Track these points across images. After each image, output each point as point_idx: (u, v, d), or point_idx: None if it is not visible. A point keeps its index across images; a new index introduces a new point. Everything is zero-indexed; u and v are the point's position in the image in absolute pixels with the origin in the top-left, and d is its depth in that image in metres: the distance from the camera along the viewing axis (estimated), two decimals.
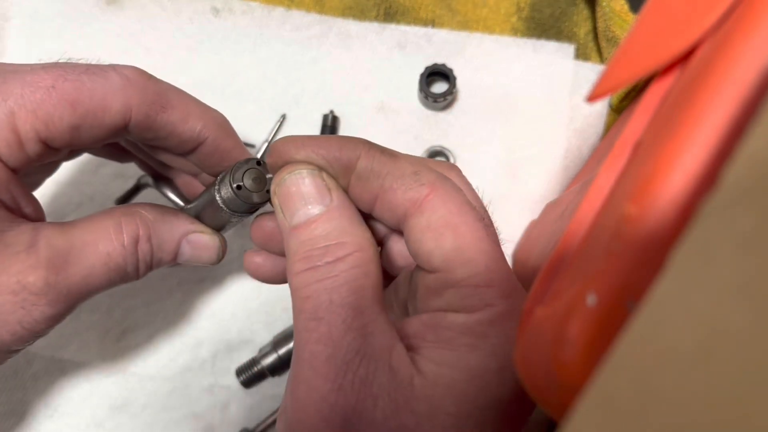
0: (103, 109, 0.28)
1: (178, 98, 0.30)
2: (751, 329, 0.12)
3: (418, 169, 0.27)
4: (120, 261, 0.30)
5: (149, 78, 0.30)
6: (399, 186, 0.27)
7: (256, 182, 0.30)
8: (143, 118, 0.29)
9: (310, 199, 0.26)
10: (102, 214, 0.30)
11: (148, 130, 0.30)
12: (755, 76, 0.17)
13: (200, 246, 0.33)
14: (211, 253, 0.33)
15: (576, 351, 0.18)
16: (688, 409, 0.12)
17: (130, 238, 0.30)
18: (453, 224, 0.26)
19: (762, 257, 0.12)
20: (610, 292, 0.18)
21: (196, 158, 0.32)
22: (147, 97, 0.29)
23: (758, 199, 0.12)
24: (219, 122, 0.32)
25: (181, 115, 0.30)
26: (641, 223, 0.18)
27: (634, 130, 0.25)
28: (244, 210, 0.31)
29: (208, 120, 0.31)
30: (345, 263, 0.25)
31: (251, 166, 0.30)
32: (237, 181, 0.30)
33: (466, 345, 0.25)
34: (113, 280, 0.30)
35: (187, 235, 0.32)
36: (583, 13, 0.45)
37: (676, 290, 0.13)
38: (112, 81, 0.28)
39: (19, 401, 0.42)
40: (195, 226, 0.33)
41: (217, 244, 0.33)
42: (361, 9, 0.45)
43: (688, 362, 0.13)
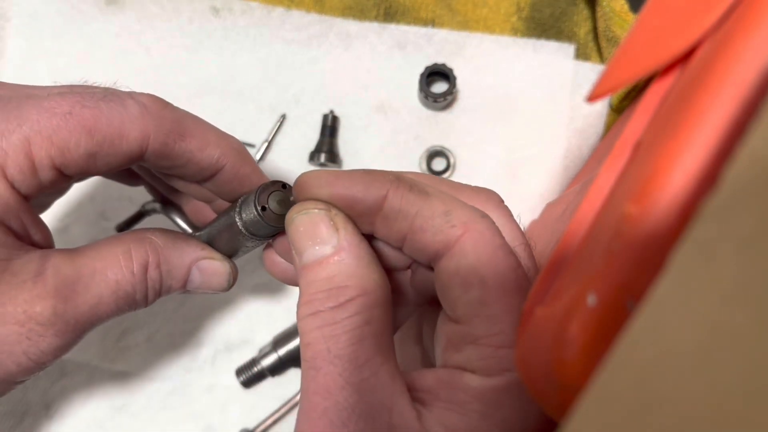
0: (120, 137, 0.27)
1: (196, 126, 0.30)
2: (751, 329, 0.12)
3: (451, 207, 0.25)
4: (129, 289, 0.29)
5: (166, 106, 0.29)
6: (429, 227, 0.25)
7: (280, 205, 0.29)
8: (160, 146, 0.28)
9: (317, 239, 0.26)
10: (111, 240, 0.30)
11: (166, 159, 0.29)
12: (755, 76, 0.17)
13: (210, 272, 0.32)
14: (221, 280, 0.32)
15: (576, 351, 0.18)
16: (688, 409, 0.12)
17: (140, 265, 0.29)
18: (481, 274, 0.24)
19: (762, 257, 0.12)
20: (611, 292, 0.18)
21: (213, 185, 0.31)
22: (165, 126, 0.28)
23: (758, 199, 0.12)
24: (236, 149, 0.31)
25: (199, 144, 0.30)
26: (641, 223, 0.18)
27: (634, 130, 0.25)
28: (265, 234, 0.30)
29: (225, 147, 0.30)
30: (346, 310, 0.24)
31: (277, 189, 0.30)
32: (262, 203, 0.29)
33: (478, 412, 0.24)
34: (122, 308, 0.30)
35: (198, 261, 0.31)
36: (583, 12, 0.45)
37: (676, 290, 0.13)
38: (130, 109, 0.28)
39: (19, 401, 0.42)
40: (206, 252, 0.32)
41: (228, 270, 0.32)
42: (361, 9, 0.45)
43: (688, 362, 0.13)
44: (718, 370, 0.12)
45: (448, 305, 0.25)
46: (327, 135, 0.44)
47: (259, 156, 0.44)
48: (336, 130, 0.44)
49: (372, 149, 0.45)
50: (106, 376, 0.42)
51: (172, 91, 0.44)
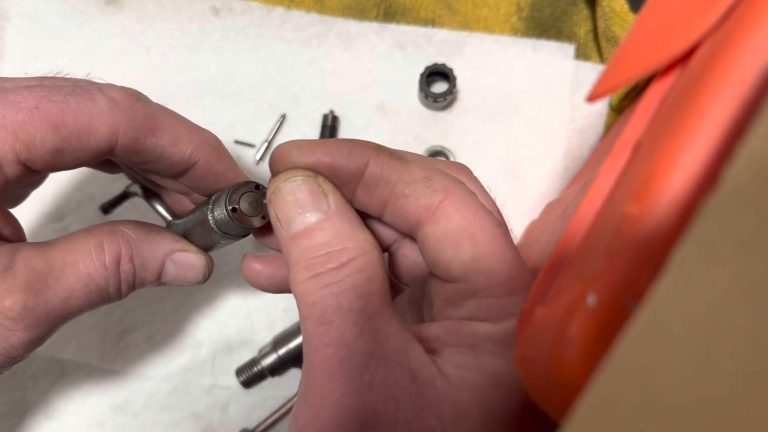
0: (87, 133, 0.27)
1: (168, 121, 0.29)
2: (751, 329, 0.12)
3: (430, 173, 0.26)
4: (101, 282, 0.29)
5: (138, 100, 0.28)
6: (411, 192, 0.26)
7: (252, 206, 0.29)
8: (130, 141, 0.28)
9: (307, 206, 0.26)
10: (83, 232, 0.29)
11: (136, 154, 0.29)
12: (755, 76, 0.17)
13: (185, 265, 0.32)
14: (196, 273, 0.32)
15: (576, 351, 0.18)
16: (687, 408, 0.12)
17: (112, 258, 0.29)
18: (470, 233, 0.25)
19: (762, 257, 0.12)
20: (611, 292, 0.18)
21: (187, 180, 0.31)
22: (135, 121, 0.28)
23: (758, 199, 0.12)
24: (211, 144, 0.31)
25: (170, 139, 0.29)
26: (642, 223, 0.18)
27: (634, 130, 0.25)
28: (237, 233, 0.30)
29: (199, 142, 0.30)
30: (349, 268, 0.25)
31: (249, 190, 0.29)
32: (233, 203, 0.29)
33: (491, 352, 0.24)
34: (94, 302, 0.29)
35: (172, 254, 0.31)
36: (583, 12, 0.45)
37: (676, 290, 0.13)
38: (99, 103, 0.27)
39: (19, 401, 0.42)
40: (180, 244, 0.31)
41: (203, 264, 0.32)
42: (361, 9, 0.45)
43: (688, 362, 0.13)
44: (718, 369, 0.12)
45: (442, 269, 0.26)
46: (327, 135, 0.44)
47: (259, 156, 0.44)
48: (336, 130, 0.44)
49: None
50: (106, 376, 0.42)
51: (171, 91, 0.44)
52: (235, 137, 0.44)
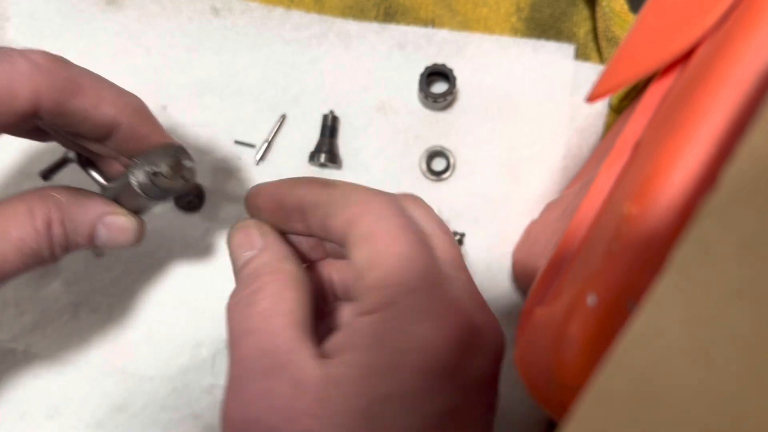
0: (9, 96, 0.27)
1: (91, 83, 0.30)
2: (751, 329, 0.12)
3: (349, 193, 0.29)
4: (34, 245, 0.30)
5: (60, 63, 0.29)
6: (334, 212, 0.28)
7: (172, 168, 0.30)
8: (53, 104, 0.28)
9: (248, 246, 0.30)
10: (13, 199, 0.30)
11: (60, 116, 0.29)
12: (755, 76, 0.17)
13: (116, 228, 0.32)
14: (128, 236, 0.33)
15: (576, 350, 0.18)
16: (687, 408, 0.12)
17: (43, 222, 0.30)
18: (370, 233, 0.27)
19: (762, 257, 0.12)
20: (610, 292, 0.18)
21: (112, 143, 0.31)
22: (57, 83, 0.28)
23: (758, 199, 0.12)
24: (135, 107, 0.31)
25: (93, 101, 0.29)
26: (641, 223, 0.18)
27: (634, 129, 0.25)
28: (158, 195, 0.31)
29: (122, 105, 0.30)
30: (259, 291, 0.28)
31: (167, 153, 0.30)
32: (152, 166, 0.30)
33: (364, 345, 0.25)
34: (28, 265, 0.30)
35: (102, 217, 0.32)
36: (583, 13, 0.45)
37: (675, 290, 0.13)
38: (19, 67, 0.27)
39: (19, 401, 0.42)
40: (110, 208, 0.32)
41: (134, 226, 0.33)
42: (361, 9, 0.45)
43: (688, 362, 0.13)
44: (718, 369, 0.12)
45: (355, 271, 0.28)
46: (327, 135, 0.44)
47: (259, 156, 0.44)
48: (336, 130, 0.44)
49: (372, 149, 0.45)
50: (106, 376, 0.42)
51: (171, 91, 0.44)
52: (235, 137, 0.44)
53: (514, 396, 0.42)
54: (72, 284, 0.42)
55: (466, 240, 0.43)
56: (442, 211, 0.44)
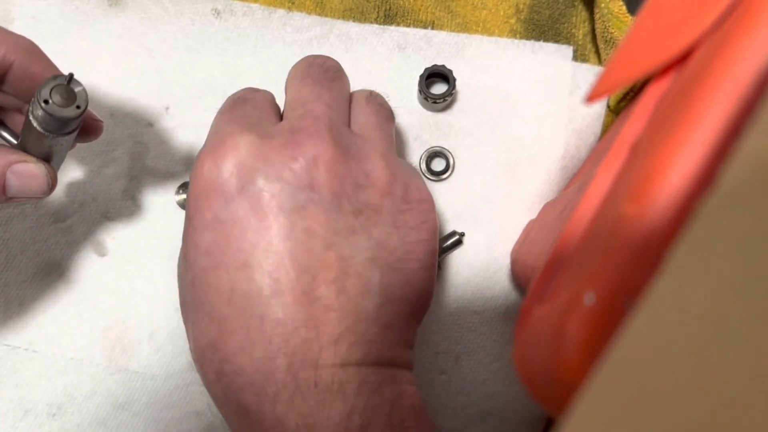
0: None
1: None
2: (748, 328, 0.12)
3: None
4: None
5: None
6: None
7: (64, 97, 0.30)
8: None
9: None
10: None
11: None
12: (753, 77, 0.17)
13: (26, 175, 0.32)
14: (40, 182, 0.33)
15: (574, 349, 0.18)
16: (685, 407, 0.12)
17: None
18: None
19: (759, 257, 0.12)
20: (608, 291, 0.18)
21: (10, 88, 0.32)
22: None
23: (756, 199, 0.12)
24: (24, 47, 0.32)
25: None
26: (639, 223, 0.18)
27: (632, 130, 0.25)
28: (59, 128, 0.31)
29: (11, 44, 0.31)
30: None
31: (58, 83, 0.31)
32: (44, 96, 0.30)
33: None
34: None
35: (11, 165, 0.32)
36: (581, 14, 0.46)
37: (673, 289, 0.14)
38: None
39: (20, 400, 0.42)
40: (17, 156, 0.33)
41: (44, 172, 0.33)
42: (362, 11, 0.46)
43: (685, 361, 0.13)
44: (715, 369, 0.12)
45: None
46: None
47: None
48: None
49: None
50: (108, 375, 0.42)
51: (173, 92, 0.45)
52: None
53: (512, 394, 0.42)
54: (74, 283, 0.43)
55: (466, 240, 0.43)
56: (442, 210, 0.44)
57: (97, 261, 0.43)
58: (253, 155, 0.30)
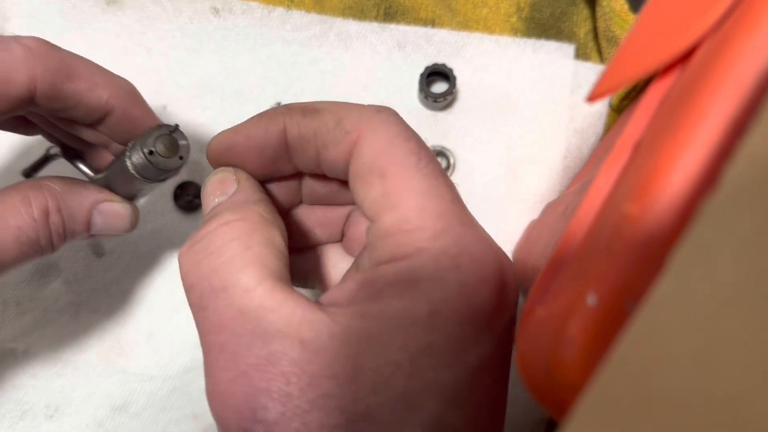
0: (7, 82, 0.27)
1: (84, 67, 0.30)
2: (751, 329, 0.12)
3: (341, 115, 0.25)
4: (32, 234, 0.29)
5: (52, 47, 0.29)
6: (329, 142, 0.25)
7: (168, 148, 0.30)
8: (49, 88, 0.28)
9: (216, 192, 0.27)
10: (8, 188, 0.30)
11: (55, 101, 0.29)
12: (756, 76, 0.17)
13: (112, 215, 0.32)
14: (124, 222, 0.33)
15: (576, 350, 0.18)
16: (687, 409, 0.12)
17: (40, 210, 0.30)
18: (378, 167, 0.24)
19: (762, 257, 0.12)
20: (610, 292, 0.18)
21: (106, 128, 0.32)
22: (51, 67, 0.28)
23: (759, 199, 0.12)
24: (127, 91, 0.31)
25: (87, 85, 0.30)
26: (641, 223, 0.18)
27: (634, 129, 0.25)
28: (156, 177, 0.31)
29: (115, 89, 0.31)
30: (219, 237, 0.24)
31: (163, 132, 0.30)
32: (148, 146, 0.30)
33: (393, 295, 0.22)
34: (27, 254, 0.30)
35: (98, 204, 0.32)
36: (583, 12, 0.45)
37: (676, 290, 0.13)
38: (15, 52, 0.28)
39: (19, 401, 0.42)
40: (105, 195, 0.32)
41: (129, 212, 0.33)
42: (361, 9, 0.46)
43: (688, 362, 0.13)
44: (718, 370, 0.12)
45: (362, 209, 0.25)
46: None
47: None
48: None
49: None
50: (106, 377, 0.42)
51: (172, 91, 0.44)
52: None
53: (513, 395, 0.42)
54: (72, 284, 0.42)
55: None
56: None
57: (94, 262, 0.43)
58: None
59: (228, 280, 0.23)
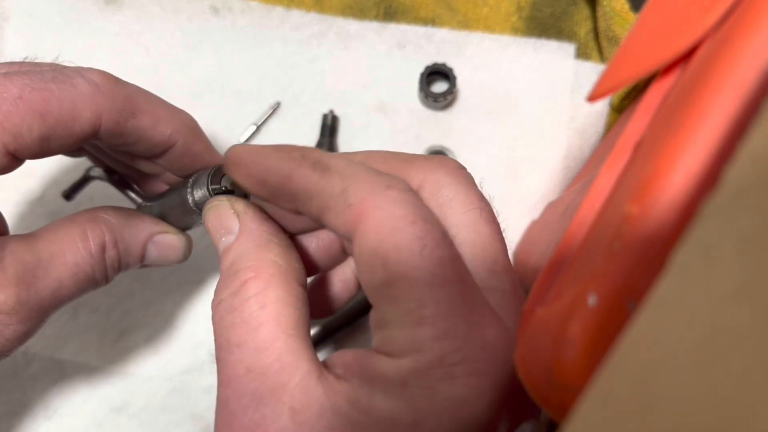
0: (72, 119, 0.27)
1: (148, 103, 0.29)
2: (752, 329, 0.12)
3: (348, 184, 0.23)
4: (88, 270, 0.29)
5: (117, 82, 0.29)
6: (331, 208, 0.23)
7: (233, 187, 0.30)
8: (113, 125, 0.28)
9: (223, 229, 0.27)
10: (66, 221, 0.30)
11: (118, 137, 0.29)
12: (757, 76, 0.17)
13: (166, 247, 0.32)
14: (178, 253, 0.33)
15: (577, 351, 0.18)
16: (688, 409, 0.12)
17: (97, 245, 0.29)
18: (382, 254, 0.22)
19: (763, 257, 0.12)
20: (611, 292, 0.18)
21: (164, 161, 0.31)
22: (116, 104, 0.28)
23: (759, 199, 0.12)
24: (189, 126, 0.31)
25: (151, 121, 0.29)
26: (642, 223, 0.17)
27: (635, 129, 0.25)
28: None
29: (178, 124, 0.30)
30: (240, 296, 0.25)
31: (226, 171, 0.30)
32: (215, 183, 0.30)
33: (383, 391, 0.22)
34: (83, 289, 0.30)
35: (153, 236, 0.32)
36: (583, 12, 0.45)
37: (676, 291, 0.13)
38: (81, 88, 0.27)
39: (18, 402, 0.42)
40: (160, 227, 0.32)
41: (183, 244, 0.33)
42: (361, 8, 0.45)
43: (689, 363, 0.13)
44: (719, 370, 0.12)
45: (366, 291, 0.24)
46: (327, 135, 0.44)
47: (245, 139, 0.44)
48: (336, 129, 0.44)
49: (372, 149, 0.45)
50: (105, 377, 0.42)
51: (171, 91, 0.44)
52: (235, 137, 0.44)
53: None
54: None
55: None
56: None
57: None
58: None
59: (242, 337, 0.24)
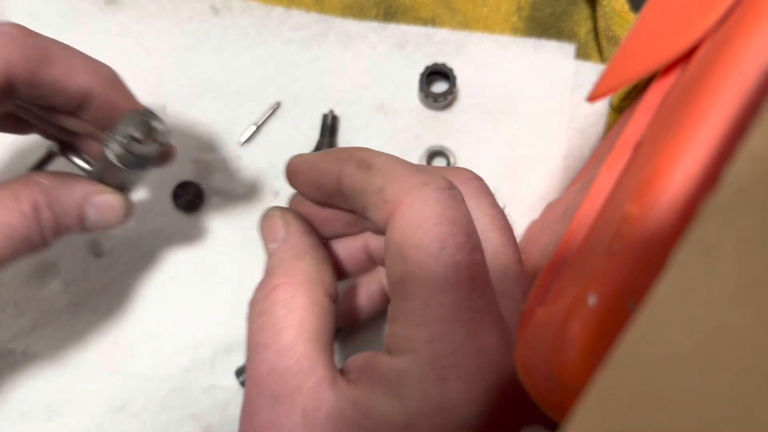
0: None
1: (62, 52, 0.29)
2: (752, 329, 0.12)
3: (385, 182, 0.24)
4: (23, 231, 0.29)
5: (30, 33, 0.29)
6: (371, 205, 0.25)
7: (144, 134, 0.30)
8: (26, 74, 0.28)
9: (272, 237, 0.28)
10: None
11: (33, 87, 0.29)
12: (757, 76, 0.17)
13: (104, 207, 0.32)
14: (117, 213, 0.33)
15: (576, 351, 0.18)
16: (688, 409, 0.12)
17: (30, 206, 0.29)
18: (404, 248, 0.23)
19: (763, 257, 0.12)
20: (611, 292, 0.18)
21: (89, 116, 0.31)
22: (29, 53, 0.28)
23: (759, 199, 0.12)
24: (107, 76, 0.31)
25: (65, 70, 0.29)
26: (642, 223, 0.17)
27: (635, 129, 0.25)
28: (137, 164, 0.30)
29: (94, 74, 0.30)
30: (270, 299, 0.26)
31: (136, 119, 0.30)
32: (123, 133, 0.29)
33: (382, 392, 0.23)
34: (21, 251, 0.30)
35: (89, 197, 0.32)
36: (583, 12, 0.45)
37: (676, 291, 0.13)
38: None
39: (18, 402, 0.41)
40: (96, 187, 0.32)
41: (121, 203, 0.33)
42: (361, 8, 0.45)
43: (689, 363, 0.13)
44: (719, 371, 0.12)
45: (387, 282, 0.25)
46: (327, 135, 0.44)
47: (245, 138, 0.44)
48: (336, 129, 0.44)
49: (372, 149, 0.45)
50: (105, 377, 0.42)
51: (171, 90, 0.44)
52: (234, 137, 0.44)
53: None
54: (71, 284, 0.42)
55: None
56: None
57: (93, 262, 0.43)
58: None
59: (267, 339, 0.25)
